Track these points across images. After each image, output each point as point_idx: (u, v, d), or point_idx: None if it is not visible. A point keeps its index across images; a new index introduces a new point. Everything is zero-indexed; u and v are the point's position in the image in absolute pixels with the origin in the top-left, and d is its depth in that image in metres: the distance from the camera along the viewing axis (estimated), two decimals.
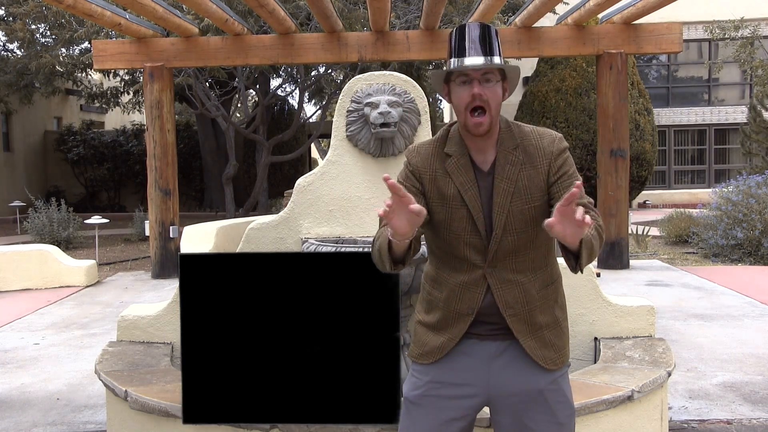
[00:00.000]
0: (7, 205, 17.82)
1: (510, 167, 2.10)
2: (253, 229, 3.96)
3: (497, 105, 2.06)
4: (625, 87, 9.06)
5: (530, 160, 2.11)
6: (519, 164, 2.10)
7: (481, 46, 2.03)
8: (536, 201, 2.09)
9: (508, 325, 2.11)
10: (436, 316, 2.17)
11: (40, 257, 8.83)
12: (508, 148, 2.11)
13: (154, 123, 9.09)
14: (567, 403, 2.17)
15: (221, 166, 17.76)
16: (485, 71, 2.03)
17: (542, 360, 2.14)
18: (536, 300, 2.13)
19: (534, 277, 2.14)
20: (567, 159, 2.13)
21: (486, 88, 2.04)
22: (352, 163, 3.93)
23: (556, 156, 2.11)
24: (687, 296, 7.45)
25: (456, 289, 2.14)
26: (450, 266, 2.16)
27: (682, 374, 4.77)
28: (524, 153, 2.11)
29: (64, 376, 5.08)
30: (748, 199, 10.01)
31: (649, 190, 20.11)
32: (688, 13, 18.12)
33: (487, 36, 2.05)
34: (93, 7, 7.57)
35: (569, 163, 2.13)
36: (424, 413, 2.14)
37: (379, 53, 9.03)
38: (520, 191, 2.09)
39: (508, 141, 2.12)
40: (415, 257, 2.76)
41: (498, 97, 2.06)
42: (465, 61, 2.03)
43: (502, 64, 2.06)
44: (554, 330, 2.17)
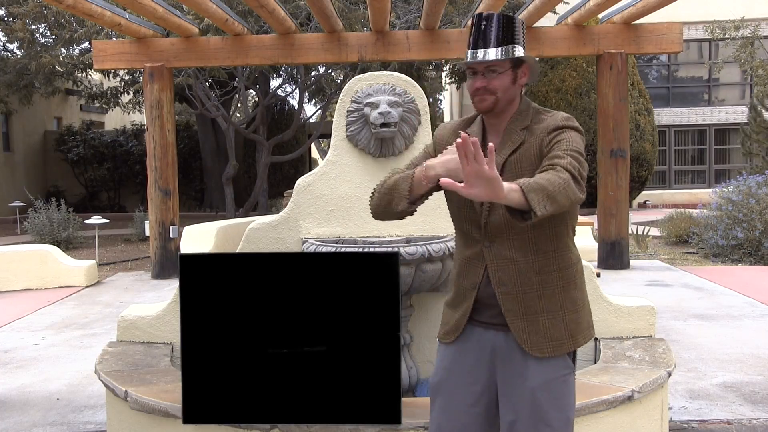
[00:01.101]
0: (7, 205, 17.82)
1: (509, 144, 2.15)
2: (253, 229, 3.96)
3: (503, 91, 2.13)
4: (625, 87, 9.05)
5: (530, 138, 2.14)
6: (517, 142, 2.15)
7: (489, 38, 2.10)
8: (525, 173, 2.09)
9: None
10: (452, 292, 2.28)
11: (40, 257, 8.83)
12: (516, 128, 2.17)
13: (154, 123, 9.09)
14: (561, 408, 2.13)
15: (221, 166, 17.76)
16: (488, 64, 2.11)
17: (527, 344, 2.12)
18: (534, 283, 2.12)
19: (535, 258, 2.13)
20: (562, 134, 2.09)
21: (491, 79, 2.12)
22: (352, 163, 3.93)
23: (552, 130, 2.11)
24: (687, 296, 7.45)
25: (463, 264, 2.22)
26: (460, 242, 2.26)
27: (683, 374, 4.77)
28: (529, 133, 2.15)
29: (64, 376, 5.08)
30: (748, 199, 10.01)
31: (650, 190, 20.12)
32: (688, 13, 18.12)
33: (496, 26, 2.10)
34: (93, 7, 7.57)
35: (566, 139, 2.08)
36: (445, 401, 2.22)
37: (379, 53, 9.03)
38: (511, 164, 2.13)
39: (519, 122, 2.17)
40: (415, 257, 2.77)
41: (504, 84, 2.13)
42: (469, 54, 2.13)
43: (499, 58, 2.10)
44: (553, 318, 2.13)
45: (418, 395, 3.69)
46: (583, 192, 2.01)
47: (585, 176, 2.03)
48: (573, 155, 2.02)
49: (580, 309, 2.19)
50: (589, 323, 2.22)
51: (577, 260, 2.22)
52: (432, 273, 3.54)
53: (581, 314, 2.19)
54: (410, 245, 3.48)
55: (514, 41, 2.11)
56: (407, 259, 3.36)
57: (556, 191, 1.89)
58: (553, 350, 2.13)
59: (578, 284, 2.20)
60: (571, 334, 2.15)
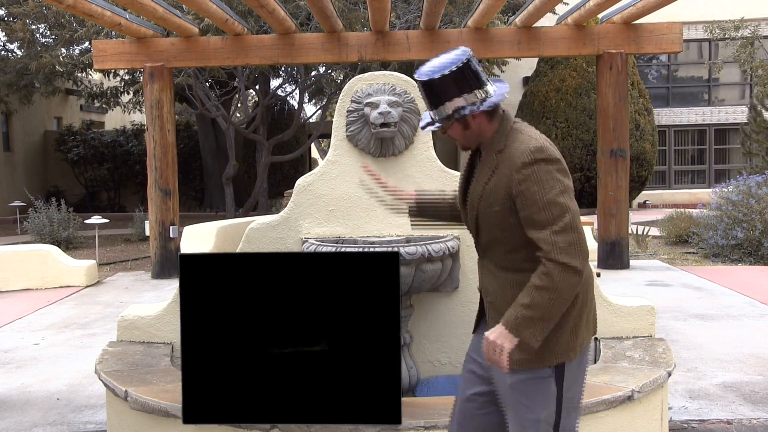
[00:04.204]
0: (7, 205, 17.82)
1: (486, 169, 2.21)
2: (253, 229, 3.96)
3: (460, 137, 2.24)
4: (625, 87, 9.05)
5: (502, 167, 2.16)
6: (492, 167, 2.18)
7: (427, 101, 2.22)
8: (496, 206, 2.17)
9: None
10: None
11: (40, 257, 8.83)
12: (494, 150, 2.21)
13: (154, 123, 9.09)
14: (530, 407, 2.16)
15: (221, 166, 17.76)
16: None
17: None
18: (510, 297, 2.18)
19: (514, 276, 2.20)
20: (530, 175, 2.08)
21: (447, 129, 2.23)
22: (352, 163, 3.93)
23: (518, 169, 2.11)
24: (687, 296, 7.45)
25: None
26: None
27: (682, 374, 4.77)
28: (502, 158, 2.17)
29: (64, 376, 5.08)
30: (748, 199, 10.01)
31: (649, 190, 20.10)
32: (688, 13, 18.11)
33: (424, 93, 2.20)
34: (93, 7, 7.57)
35: (533, 179, 2.08)
36: (462, 385, 2.41)
37: (379, 53, 9.03)
38: (487, 193, 2.19)
39: (496, 144, 2.21)
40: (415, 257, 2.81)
41: (457, 133, 2.23)
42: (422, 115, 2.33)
43: (434, 122, 2.23)
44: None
45: (418, 395, 3.69)
46: (575, 255, 2.05)
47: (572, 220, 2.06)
48: (552, 217, 2.05)
49: (556, 329, 2.14)
50: (568, 345, 2.18)
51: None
52: (432, 273, 3.54)
53: (557, 335, 2.16)
54: (410, 245, 3.48)
55: (441, 102, 2.17)
56: (407, 259, 3.36)
57: (545, 311, 2.05)
58: (523, 364, 2.16)
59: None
60: (538, 353, 2.14)
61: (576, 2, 8.73)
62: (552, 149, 2.13)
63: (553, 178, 2.08)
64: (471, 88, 2.14)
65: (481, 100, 2.15)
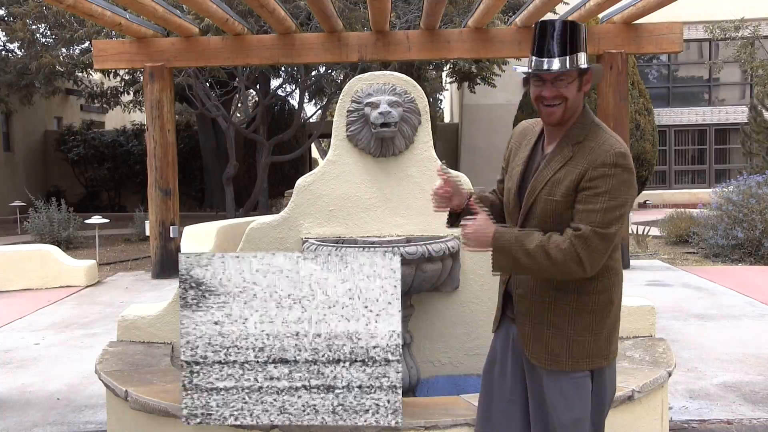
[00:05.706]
0: (7, 205, 17.82)
1: (559, 158, 2.16)
2: (254, 229, 3.96)
3: (572, 96, 2.15)
4: (625, 87, 9.05)
5: (578, 159, 2.12)
6: (566, 158, 2.15)
7: (557, 47, 2.10)
8: (557, 196, 2.12)
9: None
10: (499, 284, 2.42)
11: (40, 257, 8.83)
12: (569, 142, 2.16)
13: (155, 123, 9.09)
14: (567, 407, 2.14)
15: (221, 166, 17.75)
16: (556, 74, 2.11)
17: (528, 350, 2.20)
18: (548, 296, 2.15)
19: None
20: (606, 175, 2.06)
21: (560, 88, 2.12)
22: (352, 163, 3.93)
23: (597, 166, 2.08)
24: (687, 296, 7.45)
25: None
26: None
27: (683, 374, 4.77)
28: (579, 151, 2.14)
29: (65, 376, 5.08)
30: (748, 199, 10.00)
31: (650, 190, 20.08)
32: (688, 13, 18.08)
33: (562, 35, 2.10)
34: (93, 7, 7.57)
35: (607, 181, 2.06)
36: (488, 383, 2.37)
37: (380, 53, 9.03)
38: (553, 182, 2.14)
39: (574, 136, 2.17)
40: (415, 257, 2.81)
41: (570, 93, 2.13)
42: (534, 62, 2.12)
43: (567, 69, 2.10)
44: (557, 335, 2.15)
45: (418, 395, 3.69)
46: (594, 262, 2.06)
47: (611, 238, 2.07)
48: (603, 221, 2.04)
49: (591, 335, 2.15)
50: (603, 352, 2.18)
51: (604, 291, 2.18)
52: (432, 273, 3.54)
53: (592, 339, 2.16)
54: (410, 245, 3.48)
55: (578, 50, 2.11)
56: (407, 259, 3.36)
57: (528, 266, 2.08)
58: (549, 364, 2.15)
59: (596, 311, 2.17)
60: (572, 354, 2.14)
61: (576, 2, 8.73)
62: (631, 159, 2.13)
63: (624, 190, 2.08)
64: (587, 53, 2.16)
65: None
